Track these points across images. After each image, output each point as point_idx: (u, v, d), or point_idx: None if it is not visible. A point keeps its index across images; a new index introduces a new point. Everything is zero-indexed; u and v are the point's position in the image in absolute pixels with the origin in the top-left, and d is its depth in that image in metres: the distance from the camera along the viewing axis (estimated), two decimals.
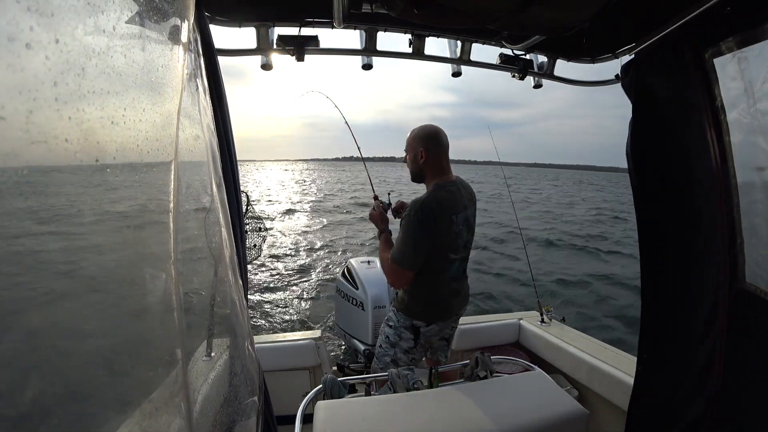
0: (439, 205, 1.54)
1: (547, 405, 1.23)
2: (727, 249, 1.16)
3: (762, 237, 1.09)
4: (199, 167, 0.76)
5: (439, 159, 1.64)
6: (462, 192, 1.65)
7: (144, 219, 0.44)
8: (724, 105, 1.11)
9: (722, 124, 1.13)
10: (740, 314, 1.14)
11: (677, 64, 1.19)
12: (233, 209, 1.20)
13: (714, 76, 1.11)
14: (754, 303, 1.10)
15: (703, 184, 1.21)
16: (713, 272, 1.20)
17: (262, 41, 1.42)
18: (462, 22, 1.23)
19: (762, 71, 0.97)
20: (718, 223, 1.18)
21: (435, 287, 1.65)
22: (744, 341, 1.13)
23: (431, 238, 1.54)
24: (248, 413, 0.91)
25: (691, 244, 1.27)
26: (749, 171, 1.11)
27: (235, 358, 0.87)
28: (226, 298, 0.83)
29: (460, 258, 1.68)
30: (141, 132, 0.41)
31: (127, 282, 0.41)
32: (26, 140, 0.30)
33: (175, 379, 0.43)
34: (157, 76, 0.46)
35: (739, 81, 1.04)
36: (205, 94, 0.96)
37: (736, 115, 1.09)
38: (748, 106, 1.04)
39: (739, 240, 1.14)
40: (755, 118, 1.03)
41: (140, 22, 0.44)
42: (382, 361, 1.74)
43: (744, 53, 1.01)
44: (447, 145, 1.66)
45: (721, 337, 1.18)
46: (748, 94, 1.03)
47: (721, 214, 1.17)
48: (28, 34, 0.30)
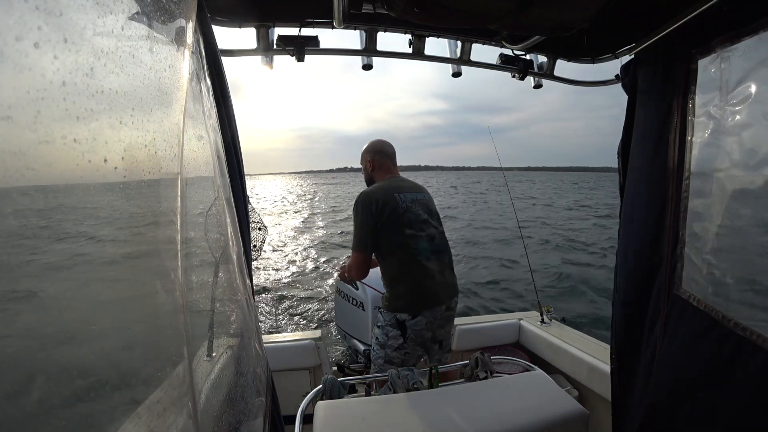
0: (379, 189, 1.76)
1: (547, 405, 1.23)
2: (670, 253, 1.16)
3: (704, 243, 1.07)
4: (206, 167, 0.76)
5: (386, 166, 1.90)
6: (406, 182, 1.86)
7: (151, 218, 0.44)
8: (695, 106, 1.11)
9: (688, 125, 1.12)
10: (674, 321, 1.14)
11: (677, 64, 1.19)
12: (240, 208, 1.20)
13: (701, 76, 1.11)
14: (685, 310, 1.09)
15: (660, 186, 1.21)
16: (659, 277, 1.21)
17: (262, 41, 1.42)
18: (462, 22, 1.23)
19: (743, 71, 0.95)
20: (666, 227, 1.18)
21: (407, 269, 1.70)
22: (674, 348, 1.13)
23: (375, 216, 1.69)
24: (255, 413, 0.91)
25: (646, 249, 1.27)
26: (705, 173, 1.08)
27: (242, 357, 0.86)
28: (234, 297, 0.83)
29: (426, 237, 1.74)
30: (149, 132, 0.41)
31: (134, 281, 0.41)
32: (34, 140, 0.30)
33: (184, 379, 0.43)
34: (164, 76, 0.46)
35: (718, 81, 1.03)
36: (209, 94, 0.96)
37: (708, 115, 1.07)
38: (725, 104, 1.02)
39: (680, 245, 1.13)
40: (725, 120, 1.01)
41: (146, 22, 0.44)
42: (376, 364, 1.75)
43: (729, 53, 0.99)
44: (392, 153, 1.94)
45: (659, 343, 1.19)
46: (723, 94, 1.01)
47: (669, 217, 1.17)
48: (36, 34, 0.30)
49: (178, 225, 0.44)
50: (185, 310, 0.43)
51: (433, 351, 1.83)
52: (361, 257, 1.74)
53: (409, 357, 1.72)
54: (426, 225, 1.77)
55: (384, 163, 1.90)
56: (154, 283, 0.42)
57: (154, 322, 0.42)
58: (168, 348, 0.43)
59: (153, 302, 0.42)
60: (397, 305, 1.70)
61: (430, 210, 1.84)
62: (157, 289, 0.42)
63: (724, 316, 0.95)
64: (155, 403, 0.40)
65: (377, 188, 1.78)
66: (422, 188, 1.92)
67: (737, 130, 0.96)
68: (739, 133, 0.95)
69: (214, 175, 0.81)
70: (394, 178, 1.86)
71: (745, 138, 0.93)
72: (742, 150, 0.94)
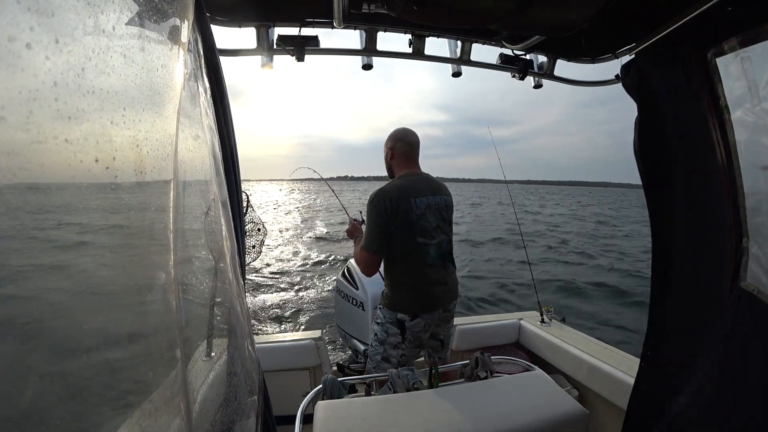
0: (395, 190, 1.67)
1: (547, 405, 1.22)
2: (734, 248, 1.16)
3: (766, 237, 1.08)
4: (200, 167, 0.76)
5: (405, 155, 1.79)
6: (425, 182, 1.76)
7: (144, 218, 0.44)
8: (728, 104, 1.11)
9: (726, 123, 1.12)
10: (739, 315, 1.13)
11: (678, 64, 1.19)
12: (234, 209, 1.20)
13: (717, 75, 1.11)
14: (753, 304, 1.09)
15: (712, 182, 1.20)
16: (719, 272, 1.20)
17: (262, 41, 1.42)
18: (462, 22, 1.23)
19: (766, 71, 0.97)
20: (726, 221, 1.17)
21: (413, 275, 1.70)
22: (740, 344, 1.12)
23: (390, 220, 1.64)
24: (248, 413, 0.91)
25: (700, 243, 1.27)
26: (754, 170, 1.10)
27: (235, 358, 0.86)
28: (226, 298, 0.83)
29: (435, 244, 1.73)
30: (141, 132, 0.41)
31: (126, 282, 0.41)
32: (26, 140, 0.30)
33: (176, 379, 0.43)
34: (157, 76, 0.46)
35: (743, 80, 1.04)
36: (206, 94, 0.96)
37: (740, 114, 1.08)
38: (752, 105, 1.04)
39: (745, 239, 1.13)
40: (759, 117, 1.03)
41: (139, 22, 0.44)
42: (374, 360, 1.75)
43: (747, 53, 1.00)
44: (414, 142, 1.81)
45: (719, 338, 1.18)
46: (753, 94, 1.02)
47: (728, 212, 1.16)
48: (28, 34, 0.30)
49: (171, 225, 0.44)
50: (178, 311, 0.43)
51: (435, 348, 1.86)
52: (369, 257, 1.69)
53: (406, 357, 1.74)
54: (437, 232, 1.74)
55: (404, 152, 1.79)
56: (146, 283, 0.42)
57: (146, 323, 0.42)
58: (160, 349, 0.43)
59: (144, 302, 0.42)
60: (399, 305, 1.71)
61: (443, 217, 1.78)
62: (150, 291, 0.42)
63: None
64: (147, 404, 0.40)
65: (393, 188, 1.68)
66: (441, 188, 1.82)
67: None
68: None
69: (210, 175, 0.81)
70: (413, 177, 1.75)
71: None
72: None
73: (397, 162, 1.80)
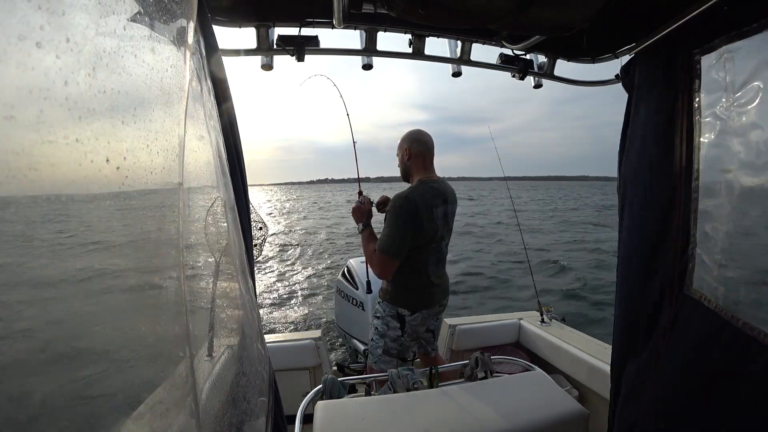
0: (420, 199, 1.67)
1: (547, 405, 1.23)
2: (679, 254, 1.16)
3: (715, 243, 1.06)
4: (208, 167, 0.76)
5: (423, 157, 1.80)
6: (442, 189, 1.78)
7: (153, 217, 0.44)
8: (701, 105, 1.10)
9: (695, 125, 1.12)
10: (684, 321, 1.14)
11: (678, 64, 1.19)
12: (241, 208, 1.21)
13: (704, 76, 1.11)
14: (696, 310, 1.09)
15: (668, 187, 1.20)
16: (665, 278, 1.21)
17: (262, 41, 1.42)
18: (462, 22, 1.23)
19: (748, 71, 0.95)
20: (674, 227, 1.18)
21: (417, 277, 1.76)
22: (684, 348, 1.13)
23: (414, 228, 1.66)
24: (258, 413, 0.91)
25: (651, 250, 1.27)
26: (715, 173, 1.07)
27: (245, 357, 0.86)
28: (236, 297, 0.83)
29: (440, 248, 1.81)
30: (150, 132, 0.41)
31: (136, 281, 0.41)
32: (37, 140, 0.30)
33: (186, 379, 0.43)
34: (166, 76, 0.46)
35: (722, 81, 1.03)
36: (209, 94, 0.96)
37: (714, 115, 1.07)
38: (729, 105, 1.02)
39: (691, 245, 1.13)
40: (732, 119, 1.01)
41: (147, 22, 0.44)
42: (375, 354, 1.81)
43: (732, 53, 0.99)
44: (430, 144, 1.82)
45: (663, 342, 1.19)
46: (729, 93, 1.00)
47: (679, 218, 1.16)
48: (38, 33, 0.30)
49: (180, 224, 0.44)
50: (188, 311, 0.43)
51: (428, 340, 1.96)
52: (388, 261, 1.69)
53: (405, 349, 1.81)
54: (443, 237, 1.81)
55: (421, 153, 1.79)
56: (156, 283, 0.42)
57: (156, 322, 0.42)
58: (171, 349, 0.43)
59: (155, 302, 0.42)
60: (400, 300, 1.77)
61: (449, 224, 1.83)
62: (160, 290, 0.42)
63: (733, 315, 0.96)
64: (158, 404, 0.40)
65: (419, 196, 1.68)
66: (453, 196, 1.84)
67: (744, 129, 0.96)
68: (746, 133, 0.95)
69: (216, 175, 0.81)
70: (434, 184, 1.76)
71: (753, 138, 0.93)
72: (750, 150, 0.94)
73: (415, 163, 1.80)
